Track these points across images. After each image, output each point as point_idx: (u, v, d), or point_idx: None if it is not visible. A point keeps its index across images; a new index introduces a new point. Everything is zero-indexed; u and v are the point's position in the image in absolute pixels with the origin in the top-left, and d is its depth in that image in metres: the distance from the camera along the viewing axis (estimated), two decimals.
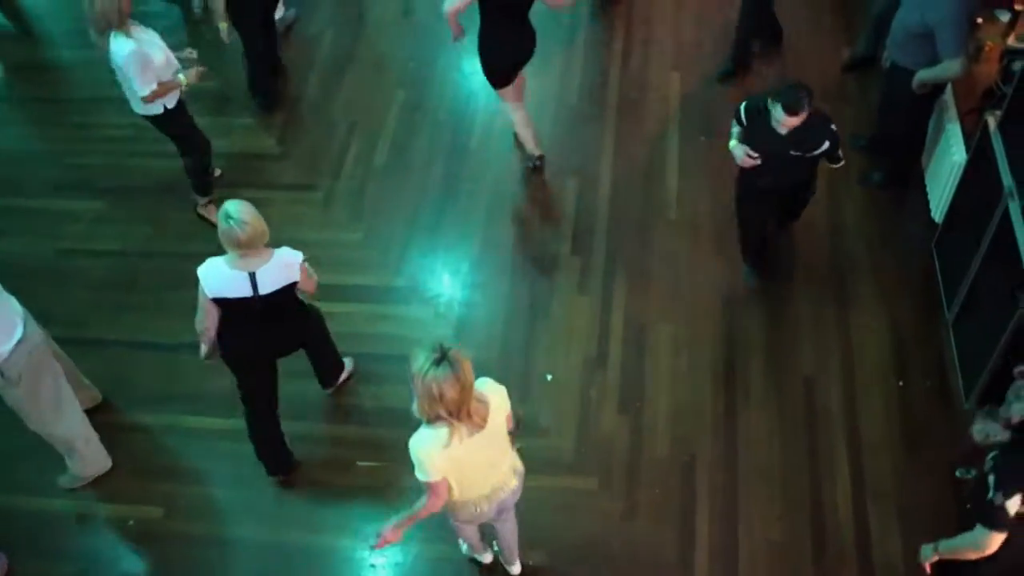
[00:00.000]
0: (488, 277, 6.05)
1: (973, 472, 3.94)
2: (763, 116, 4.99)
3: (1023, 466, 3.59)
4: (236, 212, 4.31)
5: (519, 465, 4.14)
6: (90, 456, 5.27)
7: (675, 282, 5.88)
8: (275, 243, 6.08)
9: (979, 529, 3.60)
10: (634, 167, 6.53)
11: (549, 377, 5.52)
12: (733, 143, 5.25)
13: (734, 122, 5.22)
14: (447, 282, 6.07)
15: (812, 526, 4.86)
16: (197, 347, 5.32)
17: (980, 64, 5.72)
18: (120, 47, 5.47)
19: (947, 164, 5.58)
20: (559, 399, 5.45)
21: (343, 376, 5.60)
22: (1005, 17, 5.74)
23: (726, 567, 4.76)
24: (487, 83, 6.17)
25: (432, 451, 3.63)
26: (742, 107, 5.16)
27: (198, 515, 5.19)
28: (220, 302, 4.52)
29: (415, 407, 3.57)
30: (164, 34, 5.81)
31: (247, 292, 4.46)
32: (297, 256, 4.57)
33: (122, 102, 5.95)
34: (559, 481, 5.12)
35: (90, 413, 5.37)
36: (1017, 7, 5.69)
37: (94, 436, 5.27)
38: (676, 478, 5.08)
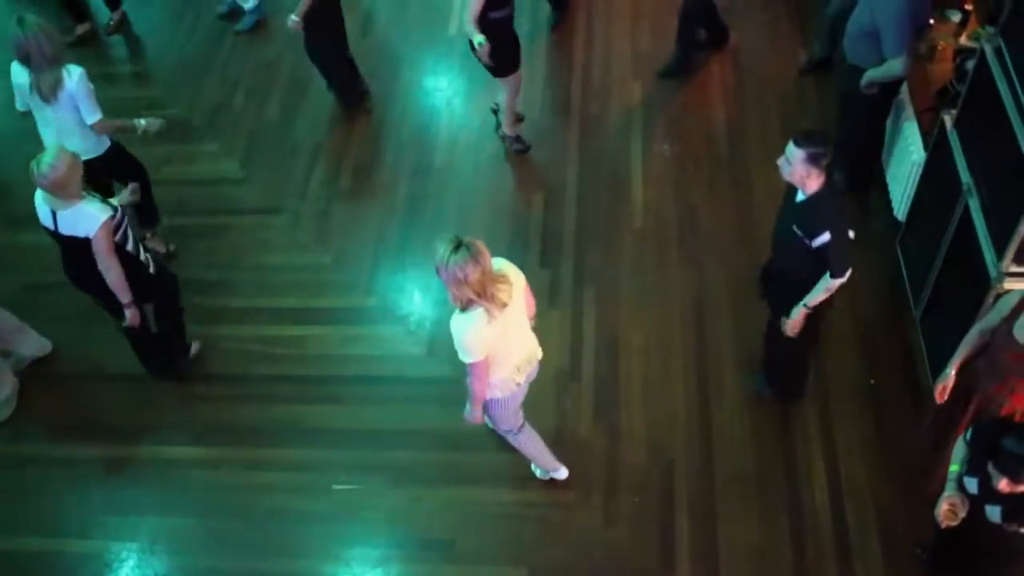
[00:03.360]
0: None
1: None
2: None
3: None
4: (50, 157, 4.68)
5: (535, 340, 4.50)
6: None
7: (644, 291, 5.90)
8: (239, 267, 6.09)
9: None
10: (599, 178, 6.56)
11: None
12: None
13: None
14: (418, 300, 6.05)
15: (791, 527, 4.88)
16: (153, 374, 5.40)
17: (934, 64, 5.80)
18: (72, 72, 5.40)
19: (907, 163, 5.65)
20: (534, 412, 5.42)
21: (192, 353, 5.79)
22: (956, 17, 5.83)
23: (708, 571, 4.77)
24: (492, 76, 6.31)
25: (477, 330, 3.97)
26: None
27: (176, 547, 5.13)
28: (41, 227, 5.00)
29: (450, 297, 3.94)
30: None
31: (50, 226, 4.92)
32: (100, 215, 4.79)
33: None
34: (538, 495, 5.11)
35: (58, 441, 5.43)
36: (967, 7, 5.78)
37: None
38: (654, 485, 5.09)
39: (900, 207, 5.83)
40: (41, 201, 4.90)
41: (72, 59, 5.54)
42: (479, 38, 5.81)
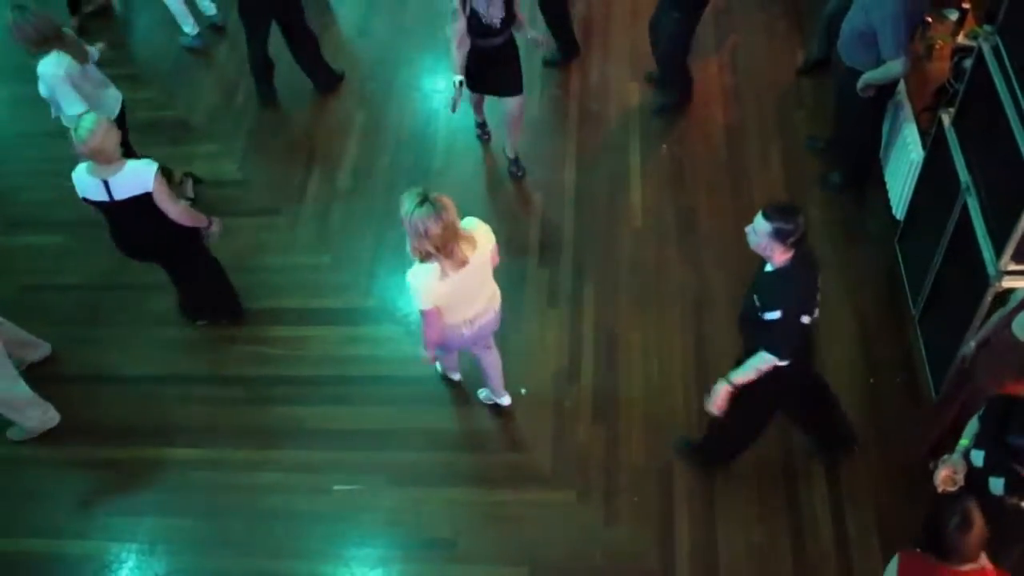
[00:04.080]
0: None
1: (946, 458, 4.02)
2: None
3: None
4: (88, 123, 4.78)
5: (498, 294, 4.69)
6: (34, 414, 5.48)
7: (643, 290, 5.91)
8: (238, 268, 6.09)
9: None
10: (598, 177, 6.56)
11: (524, 391, 5.52)
12: None
13: None
14: None
15: (790, 527, 4.88)
16: (162, 379, 5.32)
17: (932, 63, 5.81)
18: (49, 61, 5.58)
19: (905, 162, 5.66)
20: (534, 413, 5.45)
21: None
22: (953, 16, 5.84)
23: (707, 571, 4.78)
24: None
25: (429, 283, 4.18)
26: None
27: (176, 548, 5.13)
28: (89, 203, 5.05)
29: (408, 248, 4.12)
30: None
31: (104, 197, 4.97)
32: (150, 167, 4.95)
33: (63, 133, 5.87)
34: (537, 495, 5.11)
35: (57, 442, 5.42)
36: (965, 6, 5.79)
37: (33, 396, 5.42)
38: (654, 485, 5.09)
39: (899, 206, 5.84)
40: (86, 175, 4.96)
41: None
42: (457, 78, 5.82)
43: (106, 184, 4.92)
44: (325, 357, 5.77)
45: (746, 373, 4.19)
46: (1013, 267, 4.42)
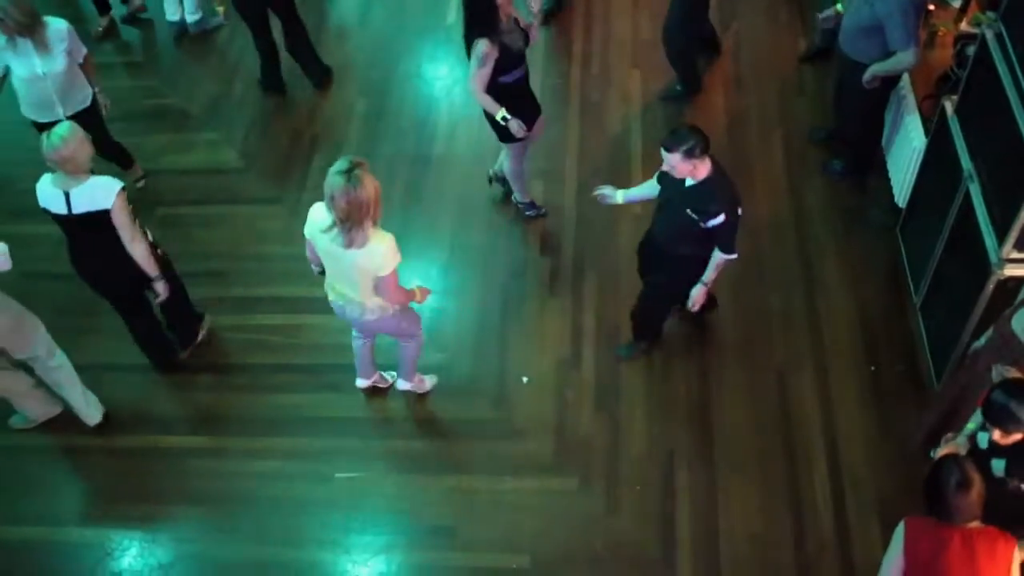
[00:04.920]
0: (458, 282, 6.04)
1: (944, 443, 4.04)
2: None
3: None
4: (60, 131, 4.66)
5: (379, 307, 4.63)
6: (36, 404, 5.48)
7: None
8: (238, 256, 6.07)
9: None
10: (599, 166, 6.55)
11: (525, 380, 5.52)
12: (502, 114, 5.33)
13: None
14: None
15: (791, 517, 4.88)
16: (158, 368, 5.29)
17: (935, 50, 5.78)
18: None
19: (907, 150, 5.64)
20: (536, 401, 5.44)
21: (200, 333, 5.84)
22: (956, 3, 5.81)
23: (708, 561, 4.78)
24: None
25: (313, 222, 4.37)
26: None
27: (177, 536, 5.13)
28: (49, 215, 4.97)
29: (358, 223, 4.19)
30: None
31: (62, 209, 4.86)
32: (114, 184, 4.83)
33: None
34: (539, 483, 5.11)
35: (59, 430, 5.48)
36: None
37: (34, 385, 5.41)
38: (655, 475, 5.09)
39: (901, 194, 5.83)
40: (50, 185, 4.86)
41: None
42: (501, 113, 5.37)
43: (67, 196, 4.81)
44: (324, 345, 5.76)
45: (712, 273, 4.80)
46: (1015, 255, 4.40)
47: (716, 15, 7.22)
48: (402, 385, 5.45)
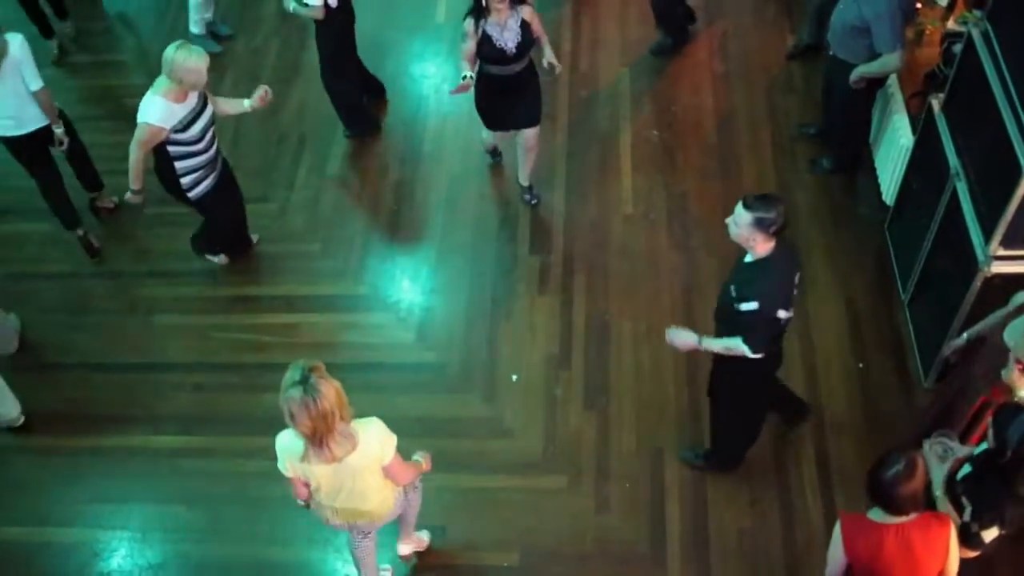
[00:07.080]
0: (448, 280, 6.04)
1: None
2: None
3: (997, 501, 3.73)
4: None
5: (389, 506, 4.13)
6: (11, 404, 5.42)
7: (634, 277, 5.91)
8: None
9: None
10: (588, 164, 6.55)
11: (515, 377, 5.53)
12: None
13: None
14: (407, 287, 6.04)
15: (781, 512, 4.90)
16: (151, 366, 5.36)
17: (922, 48, 5.81)
18: (14, 39, 5.53)
19: (895, 147, 5.66)
20: (525, 399, 5.45)
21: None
22: (944, 1, 5.84)
23: (698, 557, 4.80)
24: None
25: (286, 455, 3.79)
26: None
27: (167, 536, 5.13)
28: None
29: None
30: None
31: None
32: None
33: None
34: (529, 481, 5.12)
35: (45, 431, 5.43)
36: None
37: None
38: (645, 472, 5.10)
39: (888, 191, 5.85)
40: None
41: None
42: (465, 71, 5.55)
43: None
44: (315, 344, 5.75)
45: (716, 345, 4.26)
46: (1002, 252, 4.43)
47: (703, 14, 7.25)
48: (404, 550, 4.87)
